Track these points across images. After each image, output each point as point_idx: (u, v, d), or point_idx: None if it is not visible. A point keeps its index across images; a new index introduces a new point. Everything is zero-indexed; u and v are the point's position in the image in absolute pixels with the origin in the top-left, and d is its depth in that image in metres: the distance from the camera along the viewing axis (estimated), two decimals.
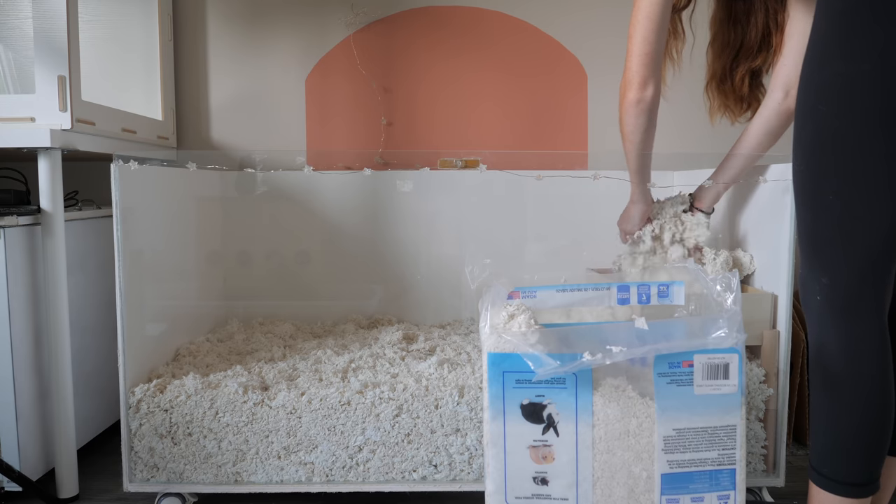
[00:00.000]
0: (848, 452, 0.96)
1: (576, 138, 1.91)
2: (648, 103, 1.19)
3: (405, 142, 1.91)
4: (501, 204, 1.79)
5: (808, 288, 0.98)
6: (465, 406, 1.20)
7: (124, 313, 1.24)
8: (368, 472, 1.22)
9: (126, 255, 1.24)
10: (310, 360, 1.40)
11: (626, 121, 1.21)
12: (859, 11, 0.89)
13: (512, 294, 1.11)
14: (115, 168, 1.22)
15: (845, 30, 0.90)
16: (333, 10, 1.89)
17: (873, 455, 0.96)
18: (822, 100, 0.92)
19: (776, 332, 1.24)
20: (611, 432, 1.03)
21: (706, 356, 1.02)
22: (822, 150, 0.92)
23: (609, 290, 1.13)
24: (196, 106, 1.91)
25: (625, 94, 1.20)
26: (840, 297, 0.94)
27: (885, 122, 0.87)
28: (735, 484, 1.04)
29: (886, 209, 0.90)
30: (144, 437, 1.22)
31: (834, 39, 0.91)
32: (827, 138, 0.92)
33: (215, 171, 1.73)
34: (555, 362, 0.99)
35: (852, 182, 0.91)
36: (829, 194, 0.92)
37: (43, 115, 1.33)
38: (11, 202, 1.34)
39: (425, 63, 1.91)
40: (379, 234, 1.81)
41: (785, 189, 1.21)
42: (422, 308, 1.80)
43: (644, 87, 1.18)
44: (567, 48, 1.90)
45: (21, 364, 1.28)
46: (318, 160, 1.97)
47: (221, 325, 1.71)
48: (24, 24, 1.57)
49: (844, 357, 0.95)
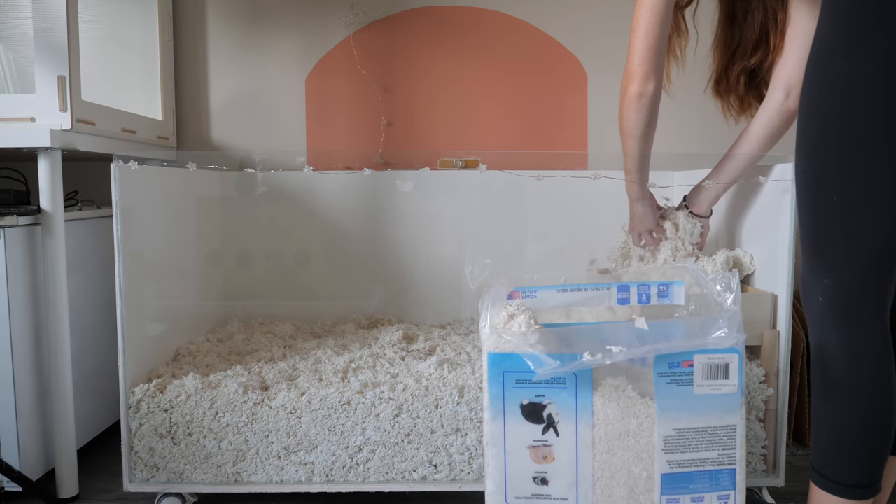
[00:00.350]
0: (850, 454, 0.96)
1: (576, 138, 1.91)
2: (650, 97, 1.18)
3: (405, 142, 1.91)
4: (501, 204, 1.79)
5: (810, 289, 0.98)
6: (465, 406, 1.20)
7: (124, 313, 1.24)
8: (368, 472, 1.22)
9: (126, 255, 1.24)
10: (310, 360, 1.40)
11: (628, 115, 1.20)
12: (863, 14, 0.89)
13: (512, 294, 1.11)
14: (115, 168, 1.22)
15: (850, 30, 0.90)
16: (333, 10, 1.89)
17: (875, 457, 0.96)
18: (827, 99, 0.91)
19: (776, 332, 1.24)
20: (611, 432, 1.03)
21: (706, 356, 1.02)
22: (826, 149, 0.92)
23: (609, 290, 1.13)
24: (196, 106, 1.91)
25: (626, 88, 1.19)
26: (842, 298, 0.94)
27: (889, 123, 0.87)
28: (735, 484, 1.04)
29: (889, 210, 0.89)
30: (144, 437, 1.22)
31: (839, 39, 0.91)
32: (830, 138, 0.91)
33: (215, 171, 1.73)
34: (555, 362, 0.99)
35: (855, 182, 0.90)
36: (833, 194, 0.92)
37: (43, 115, 1.33)
38: (11, 202, 1.34)
39: (425, 63, 1.91)
40: (379, 234, 1.81)
41: (785, 189, 1.21)
42: (422, 308, 1.80)
43: (646, 80, 1.17)
44: (567, 48, 1.90)
45: (21, 364, 1.28)
46: (318, 160, 1.97)
47: (221, 325, 1.71)
48: (24, 24, 1.57)
49: (846, 359, 0.95)
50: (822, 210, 0.94)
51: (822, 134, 0.92)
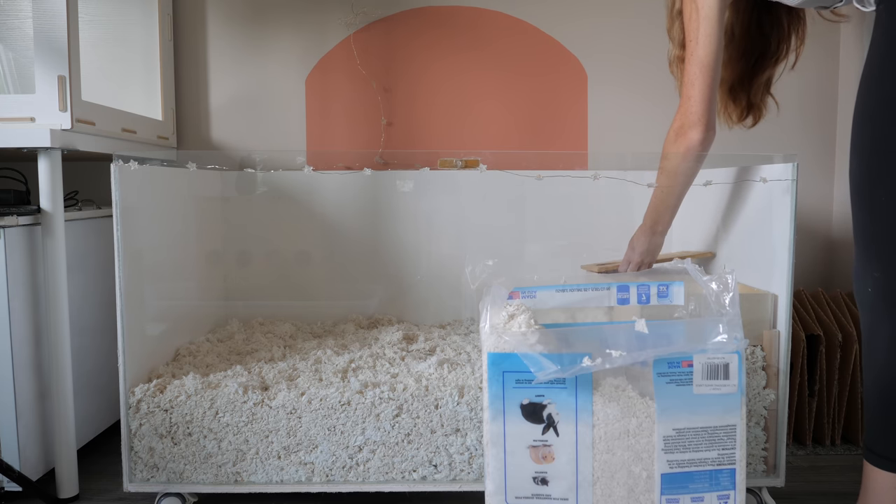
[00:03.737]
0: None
1: (576, 138, 1.91)
2: (709, 145, 1.26)
3: (405, 142, 1.91)
4: (501, 204, 1.79)
5: (861, 281, 1.07)
6: (465, 406, 1.20)
7: (124, 313, 1.24)
8: (368, 472, 1.22)
9: (126, 255, 1.24)
10: (310, 360, 1.41)
11: (684, 159, 1.27)
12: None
13: (512, 294, 1.12)
14: (115, 168, 1.22)
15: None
16: (333, 10, 1.89)
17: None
18: (879, 108, 1.00)
19: (776, 333, 1.24)
20: (611, 432, 1.03)
21: (706, 356, 1.02)
22: (877, 154, 1.01)
23: (609, 291, 1.13)
24: (196, 106, 1.92)
25: (686, 132, 1.25)
26: (891, 289, 1.03)
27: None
28: (735, 484, 1.04)
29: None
30: (144, 437, 1.22)
31: (891, 54, 1.00)
32: (880, 143, 1.00)
33: (215, 171, 1.73)
34: (554, 367, 0.99)
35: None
36: (883, 195, 1.01)
37: (43, 115, 1.33)
38: (11, 202, 1.34)
39: (425, 63, 1.91)
40: (379, 235, 1.81)
41: (785, 189, 1.21)
42: (422, 308, 1.80)
43: (710, 129, 1.24)
44: (567, 48, 1.90)
45: (21, 364, 1.28)
46: (318, 160, 1.97)
47: (221, 325, 1.71)
48: (24, 24, 1.57)
49: (894, 345, 1.04)
50: (873, 209, 1.02)
51: (874, 139, 1.01)
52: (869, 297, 1.06)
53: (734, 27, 1.34)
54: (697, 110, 1.23)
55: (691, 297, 1.12)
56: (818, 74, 1.92)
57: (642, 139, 1.88)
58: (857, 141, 1.04)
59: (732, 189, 1.38)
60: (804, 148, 1.92)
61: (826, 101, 1.93)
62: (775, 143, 1.86)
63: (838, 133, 1.93)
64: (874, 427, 1.07)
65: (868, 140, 1.02)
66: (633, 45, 1.90)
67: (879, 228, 1.02)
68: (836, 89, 1.93)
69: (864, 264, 1.06)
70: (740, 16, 1.34)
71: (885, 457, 1.06)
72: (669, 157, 1.29)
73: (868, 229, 1.04)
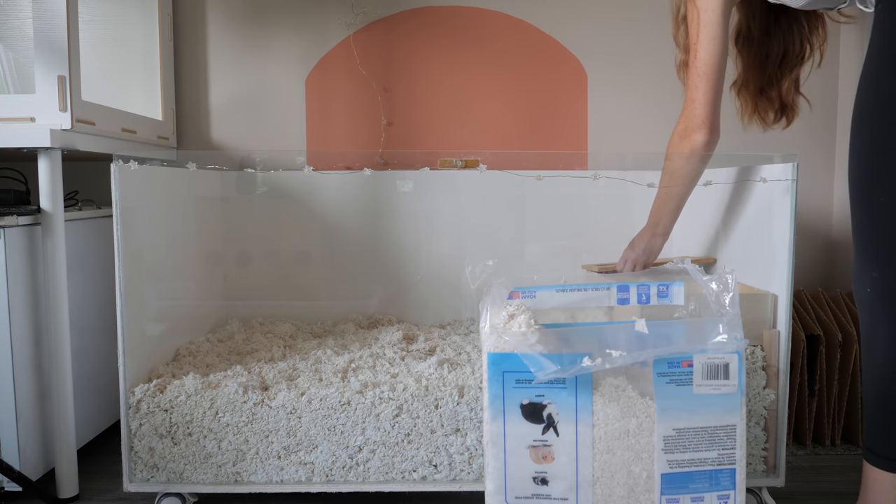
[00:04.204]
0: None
1: (576, 138, 1.91)
2: (713, 147, 1.27)
3: (405, 142, 1.91)
4: (501, 204, 1.79)
5: (860, 280, 1.07)
6: (465, 406, 1.20)
7: (124, 313, 1.24)
8: (368, 472, 1.22)
9: (126, 255, 1.24)
10: (310, 360, 1.41)
11: (688, 162, 1.27)
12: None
13: (512, 294, 1.12)
14: (114, 168, 1.22)
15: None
16: (333, 10, 1.89)
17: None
18: (878, 109, 1.00)
19: (776, 333, 1.24)
20: (611, 432, 1.03)
21: (706, 356, 1.02)
22: (876, 154, 1.01)
23: (609, 290, 1.13)
24: (196, 106, 1.92)
25: (690, 135, 1.25)
26: (889, 290, 1.03)
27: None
28: (735, 484, 1.04)
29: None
30: (144, 437, 1.22)
31: (889, 55, 1.00)
32: (880, 143, 1.01)
33: (215, 171, 1.73)
34: (554, 367, 0.99)
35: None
36: (881, 196, 1.01)
37: (43, 115, 1.33)
38: (11, 202, 1.34)
39: (425, 62, 1.91)
40: (379, 235, 1.81)
41: (785, 189, 1.21)
42: (422, 308, 1.80)
43: (714, 132, 1.25)
44: (567, 48, 1.90)
45: (21, 364, 1.28)
46: (318, 160, 1.97)
47: (221, 325, 1.71)
48: (24, 24, 1.57)
49: (893, 344, 1.04)
50: (872, 209, 1.03)
51: (873, 139, 1.01)
52: (868, 297, 1.06)
53: (752, 29, 1.34)
54: (701, 113, 1.24)
55: (691, 297, 1.12)
56: (818, 74, 1.91)
57: (642, 139, 1.88)
58: (857, 141, 1.04)
59: (732, 189, 1.38)
60: (804, 148, 1.92)
61: (826, 101, 1.93)
62: (775, 143, 1.86)
63: (838, 133, 1.93)
64: (873, 427, 1.08)
65: (867, 140, 1.02)
66: (633, 45, 1.90)
67: (878, 229, 1.03)
68: (836, 89, 1.93)
69: (863, 264, 1.06)
70: (757, 17, 1.33)
71: (884, 457, 1.06)
72: (672, 159, 1.29)
73: (867, 229, 1.04)
